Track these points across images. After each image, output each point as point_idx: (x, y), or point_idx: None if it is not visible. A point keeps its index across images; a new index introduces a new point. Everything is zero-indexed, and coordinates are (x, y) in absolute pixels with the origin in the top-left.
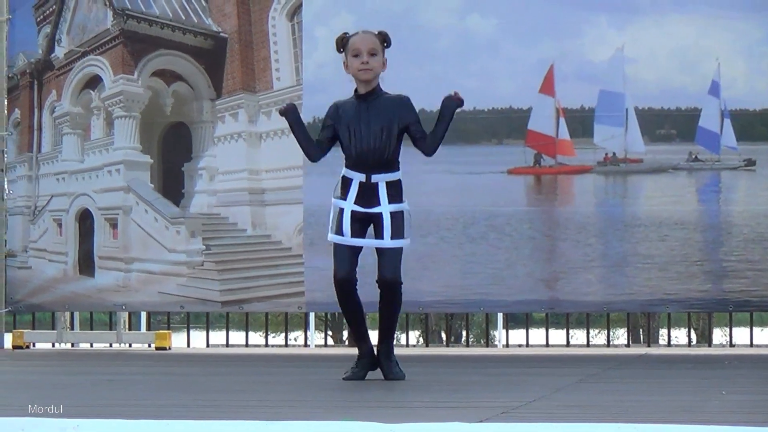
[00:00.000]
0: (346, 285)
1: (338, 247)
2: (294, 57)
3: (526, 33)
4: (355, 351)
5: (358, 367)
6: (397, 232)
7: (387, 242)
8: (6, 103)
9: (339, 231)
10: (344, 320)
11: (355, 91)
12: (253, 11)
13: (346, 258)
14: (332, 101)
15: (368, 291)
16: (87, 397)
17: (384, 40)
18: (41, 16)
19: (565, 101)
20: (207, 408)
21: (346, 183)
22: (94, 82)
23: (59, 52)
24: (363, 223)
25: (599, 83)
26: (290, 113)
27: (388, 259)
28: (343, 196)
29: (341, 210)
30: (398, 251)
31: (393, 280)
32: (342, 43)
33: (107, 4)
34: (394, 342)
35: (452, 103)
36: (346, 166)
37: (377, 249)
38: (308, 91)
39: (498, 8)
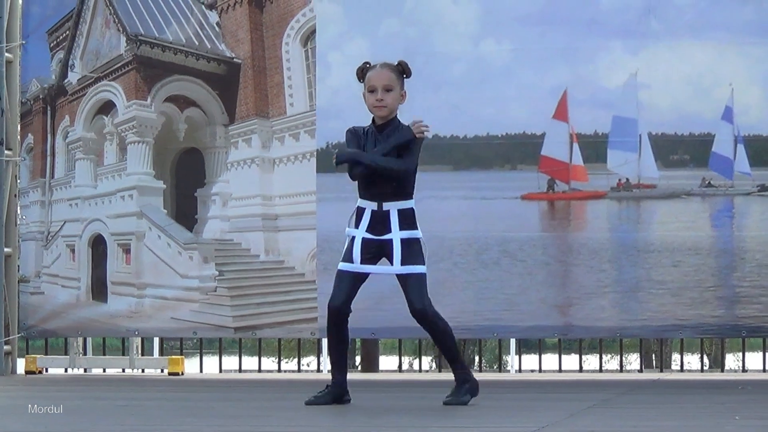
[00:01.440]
0: (338, 315)
1: (341, 276)
2: (307, 83)
3: (540, 59)
4: (369, 377)
5: (323, 393)
6: (411, 259)
7: (397, 268)
8: (19, 128)
9: (349, 259)
10: (328, 349)
11: (373, 119)
12: (266, 37)
13: (345, 288)
14: (346, 126)
15: (386, 317)
16: (100, 423)
17: (403, 71)
18: (54, 42)
19: (578, 127)
20: None
21: (360, 213)
22: (107, 107)
23: (72, 77)
24: (375, 254)
25: (613, 109)
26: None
27: (411, 289)
28: (356, 225)
29: (353, 238)
30: (420, 280)
31: (422, 310)
32: (362, 73)
33: (120, 29)
34: (408, 366)
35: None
36: (360, 197)
37: (400, 282)
38: (322, 117)
39: (512, 35)
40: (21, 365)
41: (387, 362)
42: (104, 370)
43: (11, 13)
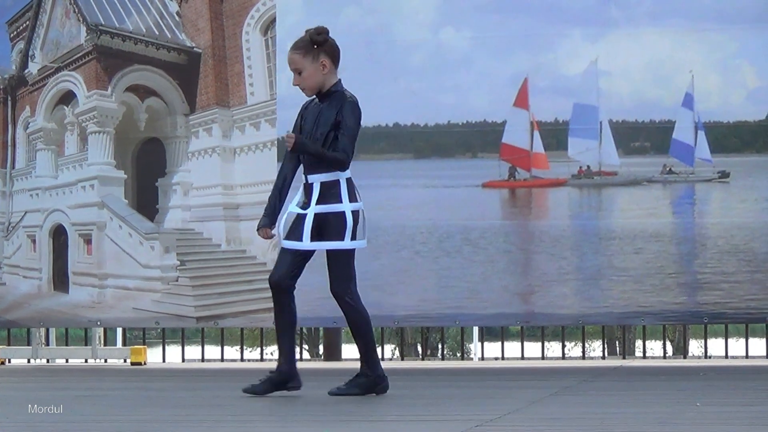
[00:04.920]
0: (276, 289)
1: (280, 249)
2: (268, 72)
3: (500, 47)
4: (330, 365)
5: (262, 381)
6: (328, 235)
7: (306, 244)
8: None
9: (284, 234)
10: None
11: None
12: (226, 26)
13: (283, 261)
14: None
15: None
16: (62, 413)
17: (313, 42)
18: (15, 32)
19: (539, 114)
20: (183, 423)
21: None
22: (67, 97)
23: (33, 68)
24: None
25: (573, 96)
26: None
27: (330, 268)
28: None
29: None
30: (337, 258)
31: (336, 293)
32: None
33: (81, 19)
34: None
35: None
36: None
37: (327, 256)
38: (282, 106)
39: (472, 23)
40: None
41: (350, 351)
42: (67, 361)
43: None
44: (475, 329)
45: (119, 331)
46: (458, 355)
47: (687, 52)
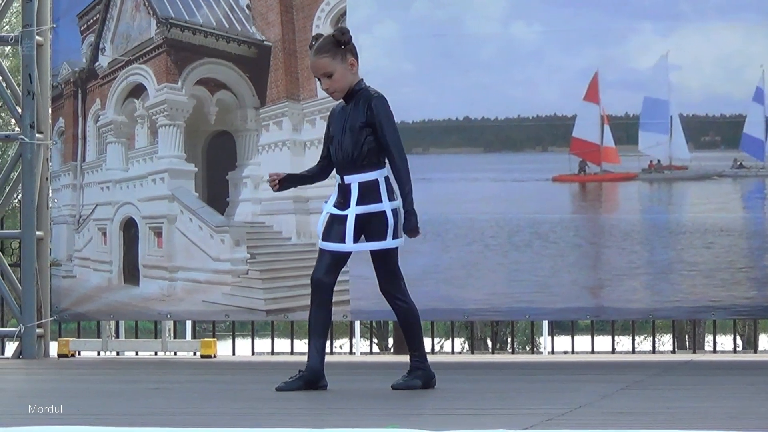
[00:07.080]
0: (318, 286)
1: (320, 249)
2: None
3: (571, 41)
4: (400, 358)
5: (295, 378)
6: (372, 236)
7: (349, 246)
8: (50, 112)
9: (320, 234)
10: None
11: None
12: (297, 19)
13: (323, 260)
14: None
15: (416, 299)
16: (132, 406)
17: (337, 42)
18: (85, 25)
19: (609, 108)
20: (252, 416)
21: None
22: (138, 90)
23: (103, 61)
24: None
25: (644, 90)
26: (286, 184)
27: (376, 267)
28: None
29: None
30: (382, 258)
31: (384, 291)
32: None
33: (151, 13)
34: (439, 348)
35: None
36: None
37: (371, 256)
38: None
39: (542, 16)
40: (54, 348)
41: None
42: (137, 353)
43: None
44: (545, 323)
45: (189, 323)
46: (528, 349)
47: (757, 46)
